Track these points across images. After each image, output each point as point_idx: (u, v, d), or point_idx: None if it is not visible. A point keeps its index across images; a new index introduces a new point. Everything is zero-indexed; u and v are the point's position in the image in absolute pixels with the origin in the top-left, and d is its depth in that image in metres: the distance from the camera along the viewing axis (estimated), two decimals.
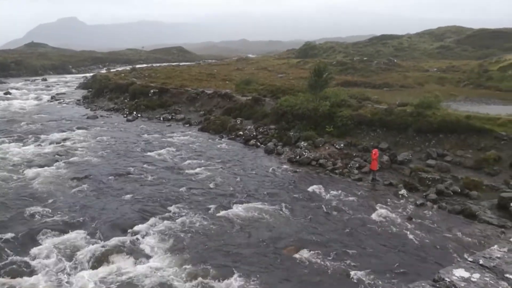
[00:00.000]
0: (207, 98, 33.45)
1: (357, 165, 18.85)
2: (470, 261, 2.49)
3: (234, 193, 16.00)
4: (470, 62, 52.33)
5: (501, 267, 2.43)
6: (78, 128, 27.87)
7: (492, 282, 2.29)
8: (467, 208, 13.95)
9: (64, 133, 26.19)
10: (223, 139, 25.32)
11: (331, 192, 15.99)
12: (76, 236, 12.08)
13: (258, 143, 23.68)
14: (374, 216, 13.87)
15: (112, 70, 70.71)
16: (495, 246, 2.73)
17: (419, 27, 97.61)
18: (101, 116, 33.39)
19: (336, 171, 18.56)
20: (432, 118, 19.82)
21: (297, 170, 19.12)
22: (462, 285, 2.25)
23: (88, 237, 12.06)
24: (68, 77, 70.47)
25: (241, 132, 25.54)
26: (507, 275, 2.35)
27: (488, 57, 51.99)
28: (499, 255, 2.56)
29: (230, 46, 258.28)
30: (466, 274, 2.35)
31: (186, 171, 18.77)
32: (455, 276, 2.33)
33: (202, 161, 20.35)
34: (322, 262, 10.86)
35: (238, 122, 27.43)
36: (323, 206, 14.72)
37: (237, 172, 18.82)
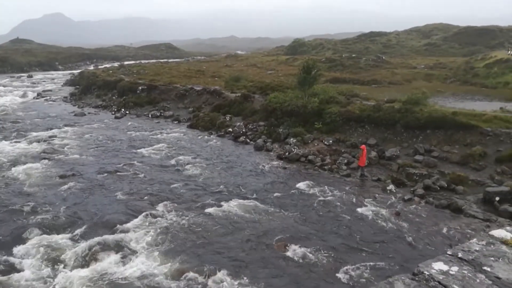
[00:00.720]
0: (196, 95, 33.30)
1: (345, 161, 18.98)
2: (449, 254, 2.53)
3: (224, 190, 15.99)
4: (457, 59, 52.89)
5: (479, 260, 2.47)
6: (66, 126, 27.52)
7: (470, 275, 2.33)
8: (453, 202, 14.20)
9: (51, 131, 25.84)
10: (212, 136, 25.25)
11: (320, 188, 16.09)
12: (62, 234, 11.95)
13: (248, 140, 23.67)
14: (362, 211, 14.00)
15: (100, 67, 70.02)
16: (474, 239, 2.78)
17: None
18: (89, 113, 33.03)
19: (325, 167, 18.67)
20: (420, 114, 20.05)
21: (287, 166, 19.19)
22: (441, 278, 2.29)
23: (75, 235, 11.94)
24: (55, 74, 69.49)
25: (230, 129, 25.50)
26: (485, 268, 2.40)
27: (474, 54, 52.64)
28: (477, 248, 2.61)
29: (218, 42, 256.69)
30: (445, 267, 2.38)
31: (175, 168, 18.70)
32: (434, 269, 2.36)
33: (191, 158, 20.28)
34: (312, 257, 10.95)
35: (228, 119, 27.37)
36: (312, 202, 14.81)
37: (226, 169, 18.80)
